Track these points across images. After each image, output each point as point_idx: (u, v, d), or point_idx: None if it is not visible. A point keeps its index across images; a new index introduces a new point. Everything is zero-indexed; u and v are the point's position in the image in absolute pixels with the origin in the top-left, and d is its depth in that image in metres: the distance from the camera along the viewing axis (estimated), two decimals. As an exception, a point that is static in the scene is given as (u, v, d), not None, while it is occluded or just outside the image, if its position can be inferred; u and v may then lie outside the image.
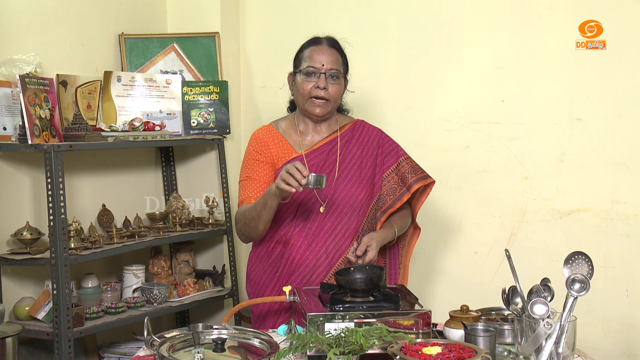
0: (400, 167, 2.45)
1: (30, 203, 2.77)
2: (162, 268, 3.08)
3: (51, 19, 2.86)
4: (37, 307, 2.62)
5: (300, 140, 2.45)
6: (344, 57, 2.44)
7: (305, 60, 2.38)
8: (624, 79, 2.78)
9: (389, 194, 2.43)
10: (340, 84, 2.40)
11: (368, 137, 2.49)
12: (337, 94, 2.39)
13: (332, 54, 2.38)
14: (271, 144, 2.44)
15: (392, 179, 2.45)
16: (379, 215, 2.41)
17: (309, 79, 2.36)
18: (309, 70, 2.36)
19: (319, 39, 2.43)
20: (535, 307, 1.72)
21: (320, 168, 2.40)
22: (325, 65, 2.35)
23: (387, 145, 2.50)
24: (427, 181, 2.45)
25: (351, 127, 2.50)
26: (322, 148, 2.43)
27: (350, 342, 1.65)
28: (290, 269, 2.34)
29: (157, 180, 3.40)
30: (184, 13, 3.41)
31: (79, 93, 2.89)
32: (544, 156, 2.93)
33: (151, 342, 1.80)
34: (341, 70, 2.40)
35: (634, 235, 2.79)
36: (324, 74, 2.35)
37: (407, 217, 2.50)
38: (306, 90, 2.36)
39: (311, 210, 2.35)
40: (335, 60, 2.38)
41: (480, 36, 3.01)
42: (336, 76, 2.37)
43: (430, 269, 3.17)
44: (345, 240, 2.35)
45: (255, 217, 2.29)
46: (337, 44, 2.44)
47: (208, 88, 3.24)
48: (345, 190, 2.38)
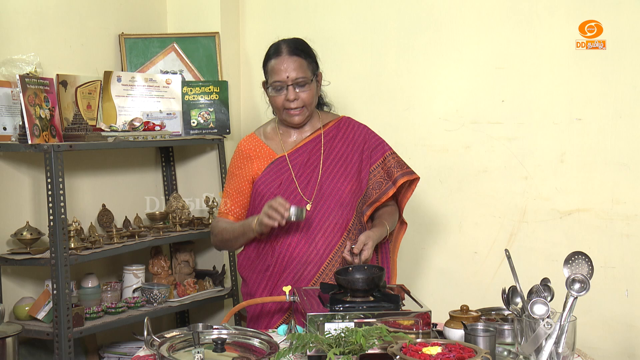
0: (386, 161, 2.46)
1: (30, 203, 2.77)
2: (162, 268, 3.08)
3: (51, 19, 2.86)
4: (37, 307, 2.62)
5: (282, 142, 2.45)
6: (310, 57, 2.40)
7: (270, 74, 2.38)
8: (624, 79, 2.77)
9: (375, 188, 2.44)
10: (311, 89, 2.38)
11: (353, 134, 2.49)
12: (310, 98, 2.38)
13: (294, 62, 2.34)
14: (253, 154, 2.45)
15: (379, 173, 2.45)
16: (364, 209, 2.42)
17: (278, 93, 2.36)
18: (276, 85, 2.35)
19: (279, 48, 2.37)
20: (535, 307, 1.72)
21: (304, 165, 2.40)
22: (290, 75, 2.33)
23: (373, 140, 2.50)
24: (412, 176, 2.47)
25: (336, 124, 2.50)
26: (305, 146, 2.44)
27: (350, 342, 1.65)
28: (281, 268, 2.34)
29: (157, 180, 3.40)
30: (184, 13, 3.41)
31: (79, 93, 2.89)
32: (544, 156, 2.92)
33: (151, 342, 1.80)
34: (308, 74, 2.37)
35: (634, 235, 2.79)
36: (291, 85, 2.34)
37: (395, 213, 2.51)
38: (279, 104, 2.37)
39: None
40: (298, 67, 2.34)
41: (480, 36, 3.01)
42: (303, 83, 2.35)
43: (430, 268, 3.17)
44: (335, 236, 2.35)
45: (231, 240, 2.39)
46: (298, 48, 2.38)
47: (208, 88, 3.24)
48: (331, 186, 2.39)
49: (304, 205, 2.34)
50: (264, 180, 2.40)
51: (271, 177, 2.40)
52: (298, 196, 2.37)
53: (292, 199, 2.36)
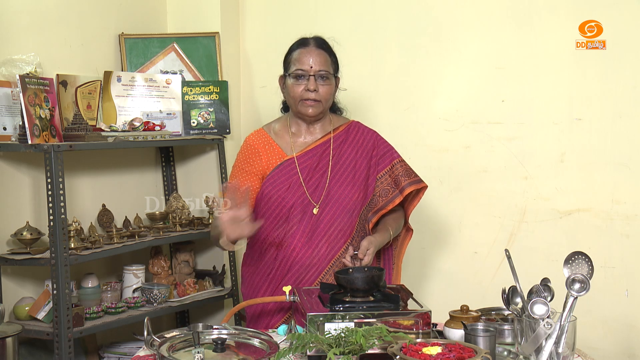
0: (394, 169, 2.46)
1: (30, 203, 2.77)
2: (162, 268, 3.08)
3: (51, 19, 2.86)
4: (37, 307, 2.62)
5: (292, 142, 2.45)
6: (333, 56, 2.43)
7: (293, 63, 2.38)
8: (624, 79, 2.78)
9: (382, 196, 2.43)
10: (331, 84, 2.39)
11: (363, 139, 2.48)
12: (328, 94, 2.38)
13: (319, 55, 2.37)
14: (262, 150, 2.44)
15: (386, 181, 2.45)
16: (370, 216, 2.41)
17: (298, 82, 2.36)
18: (298, 73, 2.35)
19: (306, 40, 2.41)
20: (535, 307, 1.72)
21: (313, 170, 2.40)
22: (314, 66, 2.34)
23: (382, 147, 2.49)
24: (419, 185, 2.46)
25: (346, 129, 2.49)
26: (314, 150, 2.43)
27: (350, 342, 1.65)
28: (283, 271, 2.34)
29: (157, 180, 3.40)
30: (184, 13, 3.41)
31: (79, 93, 2.89)
32: (544, 156, 2.93)
33: (151, 342, 1.80)
34: (330, 70, 2.39)
35: (634, 235, 2.79)
36: (313, 76, 2.34)
37: (400, 219, 2.50)
38: (297, 93, 2.36)
39: (304, 211, 2.35)
40: (323, 61, 2.37)
41: (480, 36, 3.01)
42: (325, 77, 2.36)
43: (430, 268, 3.17)
44: (339, 242, 2.35)
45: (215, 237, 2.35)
46: (325, 44, 2.42)
47: (208, 88, 3.24)
48: (338, 192, 2.38)
49: (311, 209, 2.33)
50: (272, 182, 2.39)
51: (279, 179, 2.39)
52: (306, 200, 2.36)
53: (300, 202, 2.35)
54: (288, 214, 2.36)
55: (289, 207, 2.35)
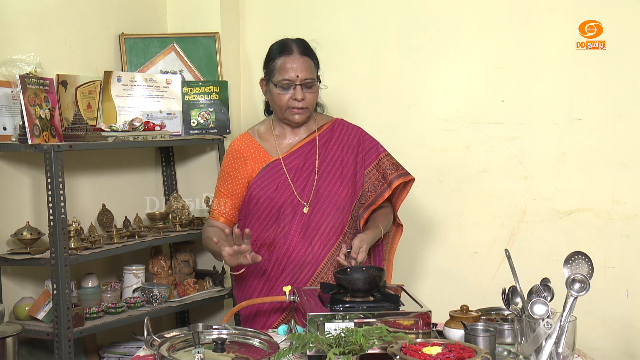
0: (380, 163, 2.46)
1: (30, 203, 2.77)
2: (162, 268, 3.08)
3: (51, 19, 2.86)
4: (37, 307, 2.62)
5: (277, 145, 2.44)
6: (316, 59, 2.41)
7: (278, 72, 2.34)
8: (624, 79, 2.78)
9: (371, 191, 2.44)
10: (316, 90, 2.39)
11: (348, 136, 2.48)
12: (314, 100, 2.39)
13: (304, 62, 2.34)
14: (247, 154, 2.44)
15: (374, 176, 2.45)
16: (361, 212, 2.42)
17: (284, 92, 2.34)
18: (284, 83, 2.33)
19: (289, 47, 2.36)
20: (535, 307, 1.72)
21: (300, 169, 2.39)
22: (300, 75, 2.32)
23: (368, 142, 2.49)
24: (407, 178, 2.46)
25: (330, 127, 2.49)
26: (300, 150, 2.43)
27: (350, 342, 1.65)
28: (278, 271, 2.34)
29: (157, 180, 3.40)
30: (184, 13, 3.41)
31: (79, 93, 2.89)
32: (544, 156, 2.92)
33: (151, 342, 1.80)
34: (315, 76, 2.37)
35: (634, 235, 2.79)
36: (299, 85, 2.33)
37: (389, 214, 2.50)
38: (283, 102, 2.35)
39: (295, 211, 2.35)
40: (308, 68, 2.34)
41: (480, 36, 3.01)
42: (311, 84, 2.35)
43: (430, 268, 3.17)
44: (331, 239, 2.35)
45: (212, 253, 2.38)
46: (308, 48, 2.39)
47: (208, 88, 3.24)
48: (327, 190, 2.38)
49: (301, 209, 2.34)
50: (260, 184, 2.39)
51: (267, 180, 2.39)
52: (295, 200, 2.36)
53: (290, 202, 2.36)
54: (278, 214, 2.36)
55: (278, 207, 2.36)
